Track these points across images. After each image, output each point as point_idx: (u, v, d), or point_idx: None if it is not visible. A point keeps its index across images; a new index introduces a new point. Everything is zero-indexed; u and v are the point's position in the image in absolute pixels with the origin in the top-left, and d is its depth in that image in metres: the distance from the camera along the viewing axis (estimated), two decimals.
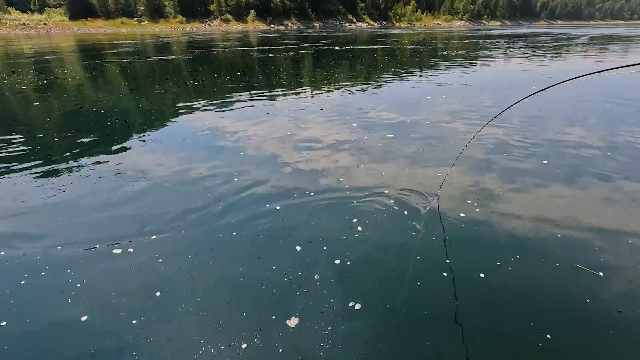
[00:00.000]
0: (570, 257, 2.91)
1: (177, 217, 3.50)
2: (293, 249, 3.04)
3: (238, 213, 3.55)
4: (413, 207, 3.68)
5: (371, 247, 3.07)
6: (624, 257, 2.91)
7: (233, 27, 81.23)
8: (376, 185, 4.19)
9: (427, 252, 3.00)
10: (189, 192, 3.99)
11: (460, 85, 10.47)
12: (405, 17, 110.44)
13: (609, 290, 2.58)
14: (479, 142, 5.56)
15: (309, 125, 6.71)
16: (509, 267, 2.81)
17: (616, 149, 5.35)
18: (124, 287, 2.67)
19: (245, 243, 3.11)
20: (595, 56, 17.96)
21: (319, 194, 3.94)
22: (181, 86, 10.86)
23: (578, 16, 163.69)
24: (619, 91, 9.42)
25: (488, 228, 3.34)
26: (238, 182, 4.24)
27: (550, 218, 3.49)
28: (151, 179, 4.35)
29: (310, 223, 3.40)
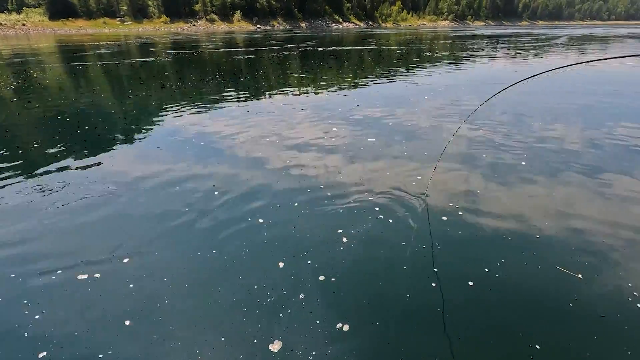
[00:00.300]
0: (552, 259, 2.93)
1: (151, 235, 3.29)
2: (276, 265, 2.89)
3: (219, 228, 3.36)
4: (399, 213, 3.59)
5: (357, 261, 2.94)
6: (601, 258, 2.94)
7: (219, 27, 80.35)
8: (361, 190, 4.09)
9: (415, 262, 2.91)
10: (166, 206, 3.78)
11: (443, 85, 10.53)
12: (391, 18, 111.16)
13: (588, 293, 2.60)
14: (461, 141, 5.55)
15: (294, 126, 6.60)
16: (496, 274, 2.76)
17: (593, 143, 5.50)
18: (89, 317, 2.43)
19: (226, 261, 2.94)
20: (574, 55, 18.32)
21: (303, 203, 3.80)
22: (164, 88, 10.58)
23: (558, 17, 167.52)
24: (592, 85, 9.58)
25: (473, 231, 3.31)
26: (220, 193, 4.05)
27: (531, 218, 3.53)
28: (126, 190, 4.14)
29: (294, 236, 3.26)
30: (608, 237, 3.21)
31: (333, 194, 4.02)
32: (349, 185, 4.25)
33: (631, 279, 2.72)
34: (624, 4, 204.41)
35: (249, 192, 4.05)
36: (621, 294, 2.59)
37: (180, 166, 4.90)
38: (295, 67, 15.55)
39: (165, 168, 4.83)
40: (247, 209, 3.67)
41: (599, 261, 2.91)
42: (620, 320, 2.39)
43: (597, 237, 3.22)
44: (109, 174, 4.68)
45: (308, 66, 15.82)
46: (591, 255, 2.97)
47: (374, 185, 4.21)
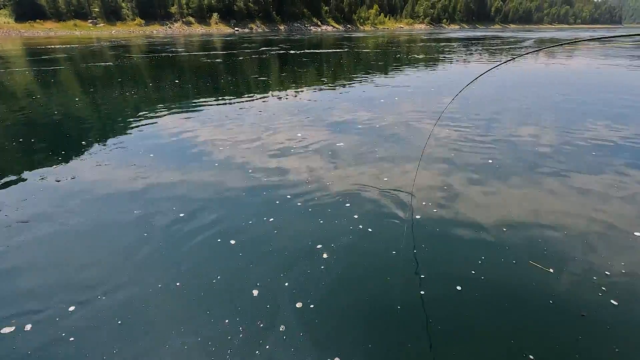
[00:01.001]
0: (527, 256, 2.91)
1: (105, 270, 2.83)
2: (250, 294, 2.57)
3: (187, 255, 2.95)
4: (380, 222, 3.37)
5: (338, 281, 2.65)
6: (572, 252, 2.94)
7: (196, 29, 78.97)
8: (341, 196, 3.85)
9: (401, 274, 2.71)
10: (127, 233, 3.33)
11: (419, 87, 10.53)
12: (369, 21, 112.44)
13: (559, 286, 2.59)
14: (439, 141, 5.43)
15: (272, 130, 6.35)
16: (481, 277, 2.68)
17: (563, 139, 5.55)
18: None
19: (194, 295, 2.56)
20: (539, 55, 18.89)
21: (280, 216, 3.48)
22: (138, 92, 10.06)
23: (529, 20, 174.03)
24: (560, 82, 9.77)
25: (453, 232, 3.25)
26: (190, 207, 3.68)
27: (508, 215, 3.55)
28: (87, 202, 3.74)
29: (271, 254, 2.94)
30: (575, 230, 3.26)
31: (313, 202, 3.76)
32: (330, 190, 4.01)
33: (600, 272, 2.72)
34: (589, 9, 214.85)
35: (221, 204, 3.70)
36: (593, 288, 2.57)
37: (150, 173, 4.53)
38: (273, 70, 15.25)
39: (134, 175, 4.46)
40: (220, 227, 3.32)
41: (569, 255, 2.92)
42: (598, 318, 2.34)
43: (567, 231, 3.24)
44: (79, 182, 4.30)
45: (285, 70, 15.54)
46: (561, 249, 2.99)
47: (354, 190, 4.02)
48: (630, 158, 4.91)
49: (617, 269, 2.74)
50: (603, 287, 2.56)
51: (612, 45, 27.85)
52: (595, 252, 2.94)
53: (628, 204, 3.68)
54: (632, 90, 9.93)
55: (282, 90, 10.19)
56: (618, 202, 3.73)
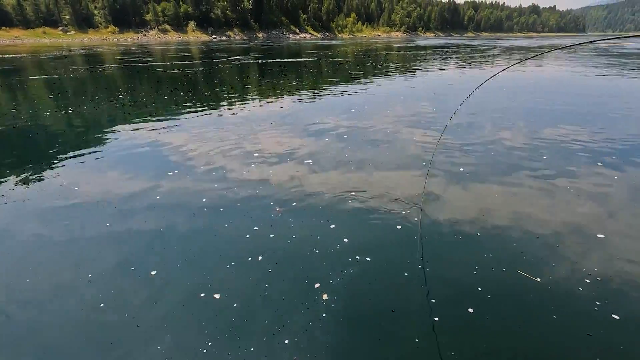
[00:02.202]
0: (515, 264, 2.84)
1: (75, 285, 2.56)
2: (230, 304, 2.35)
3: (163, 267, 2.70)
4: (367, 229, 3.21)
5: (343, 336, 2.23)
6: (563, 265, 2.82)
7: (172, 37, 77.74)
8: (325, 205, 3.65)
9: (410, 313, 2.41)
10: (96, 249, 3.03)
11: (401, 93, 10.54)
12: (347, 29, 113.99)
13: (547, 296, 2.50)
14: (419, 148, 5.32)
15: (254, 139, 6.18)
16: (488, 295, 2.49)
17: (556, 145, 5.41)
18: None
19: (172, 309, 2.34)
20: (503, 63, 19.46)
21: (262, 226, 3.28)
22: (113, 101, 9.63)
23: (499, 29, 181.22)
24: (541, 90, 10.02)
25: (452, 241, 3.13)
26: (171, 221, 3.40)
27: (490, 215, 3.56)
28: (53, 221, 3.38)
29: (254, 269, 2.72)
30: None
31: (296, 209, 3.62)
32: (313, 199, 3.88)
33: (587, 280, 2.65)
34: (555, 18, 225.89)
35: (200, 215, 3.44)
36: (579, 296, 2.50)
37: (125, 184, 4.29)
38: (252, 79, 15.00)
39: (108, 187, 4.20)
40: (199, 239, 3.07)
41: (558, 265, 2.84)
42: (585, 326, 2.26)
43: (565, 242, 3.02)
44: (46, 194, 4.04)
45: (264, 79, 15.33)
46: (551, 263, 2.86)
47: (338, 199, 3.91)
48: None
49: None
50: (605, 299, 2.42)
51: (579, 53, 29.13)
52: (582, 257, 2.78)
53: None
54: (602, 96, 10.27)
55: (262, 99, 9.96)
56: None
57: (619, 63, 20.45)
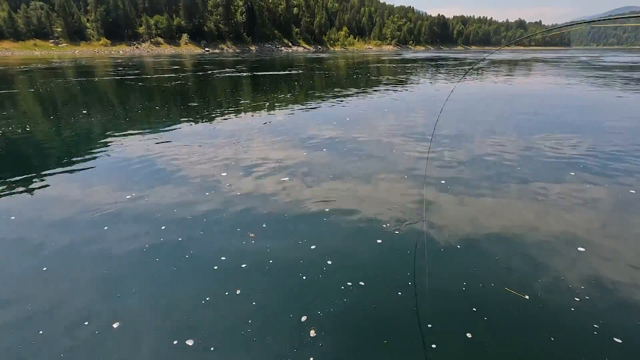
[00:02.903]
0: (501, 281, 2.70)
1: (63, 299, 2.44)
2: (232, 325, 2.24)
3: (152, 281, 2.58)
4: (366, 278, 2.97)
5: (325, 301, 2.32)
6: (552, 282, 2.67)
7: (164, 50, 78.06)
8: (317, 215, 3.60)
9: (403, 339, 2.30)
10: (86, 261, 2.94)
11: (392, 104, 10.64)
12: (339, 42, 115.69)
13: (535, 312, 2.42)
14: (405, 159, 5.30)
15: (247, 150, 6.12)
16: (485, 317, 2.36)
17: (531, 152, 5.43)
18: None
19: (161, 323, 2.25)
20: (483, 77, 19.87)
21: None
22: (106, 113, 9.53)
23: (488, 42, 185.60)
24: (527, 103, 10.18)
25: (450, 255, 3.03)
26: (162, 232, 3.32)
27: (481, 224, 3.54)
28: (46, 233, 3.25)
29: (247, 279, 2.63)
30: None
31: (289, 220, 3.54)
32: (306, 209, 3.83)
33: (575, 297, 2.56)
34: (541, 32, 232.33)
35: (194, 226, 3.32)
36: (571, 315, 2.40)
37: (118, 195, 4.21)
38: (245, 91, 15.03)
39: (100, 198, 4.15)
40: (191, 251, 2.95)
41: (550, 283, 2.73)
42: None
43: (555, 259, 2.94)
44: (38, 206, 3.94)
45: (257, 91, 15.37)
46: (539, 280, 2.76)
47: (331, 209, 3.86)
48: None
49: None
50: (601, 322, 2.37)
51: (562, 65, 29.83)
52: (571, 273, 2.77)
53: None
54: (586, 107, 10.45)
55: (251, 112, 9.93)
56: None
57: (602, 75, 20.93)
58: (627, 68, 26.68)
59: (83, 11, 77.28)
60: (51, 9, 70.66)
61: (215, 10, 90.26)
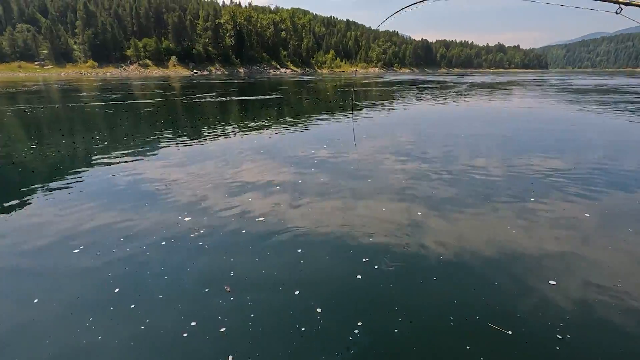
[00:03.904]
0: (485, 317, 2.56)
1: (49, 320, 2.25)
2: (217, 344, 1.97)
3: (141, 306, 2.29)
4: (344, 260, 2.77)
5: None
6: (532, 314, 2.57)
7: (152, 72, 78.31)
8: (307, 237, 3.47)
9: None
10: (71, 282, 2.80)
11: (380, 126, 10.71)
12: (326, 65, 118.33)
13: (515, 350, 2.29)
14: (399, 176, 5.18)
15: (236, 172, 6.02)
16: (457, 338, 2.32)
17: (513, 170, 5.37)
18: None
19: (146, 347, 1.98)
20: (459, 99, 20.43)
21: (244, 257, 3.00)
22: (93, 136, 9.31)
23: (470, 65, 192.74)
24: (510, 122, 10.34)
25: (423, 275, 2.98)
26: (150, 254, 3.17)
27: (469, 242, 3.58)
28: (26, 254, 2.93)
29: (235, 302, 2.39)
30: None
31: (279, 242, 3.40)
32: (295, 231, 3.74)
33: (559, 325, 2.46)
34: (519, 56, 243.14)
35: (181, 248, 3.10)
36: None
37: (103, 216, 4.09)
38: (233, 113, 14.92)
39: (85, 220, 4.03)
40: (180, 273, 2.63)
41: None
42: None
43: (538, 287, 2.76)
44: (19, 227, 3.82)
45: (245, 113, 15.29)
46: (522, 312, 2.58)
47: (321, 230, 3.82)
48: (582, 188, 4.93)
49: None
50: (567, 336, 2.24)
51: (538, 88, 30.92)
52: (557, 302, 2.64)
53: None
54: (565, 127, 10.67)
55: (242, 133, 9.79)
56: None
57: (574, 98, 21.65)
58: (596, 91, 27.73)
59: (71, 34, 77.49)
60: (38, 31, 70.62)
61: (204, 34, 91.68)
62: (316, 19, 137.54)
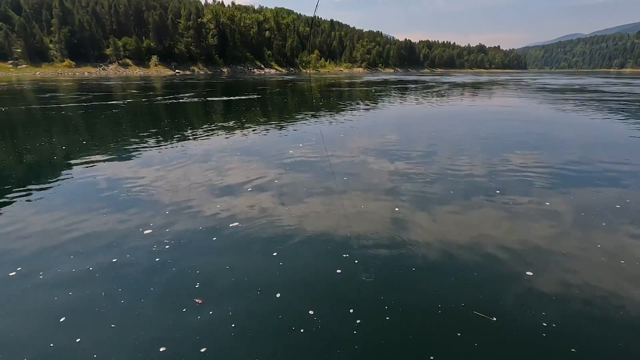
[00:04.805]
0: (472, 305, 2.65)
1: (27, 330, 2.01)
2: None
3: (126, 309, 2.20)
4: (327, 259, 2.68)
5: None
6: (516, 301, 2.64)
7: (133, 71, 76.45)
8: (293, 238, 3.23)
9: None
10: (47, 290, 2.60)
11: (365, 126, 10.69)
12: (311, 64, 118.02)
13: (500, 336, 2.37)
14: (386, 175, 5.14)
15: (222, 173, 5.90)
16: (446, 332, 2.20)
17: (495, 168, 5.42)
18: None
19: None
20: (439, 100, 20.75)
21: (228, 258, 2.85)
22: (71, 137, 8.98)
23: (452, 65, 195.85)
24: (492, 122, 10.47)
25: (402, 270, 3.02)
26: (132, 257, 2.93)
27: (455, 239, 3.57)
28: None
29: (221, 306, 2.24)
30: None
31: (263, 242, 3.35)
32: (281, 231, 3.70)
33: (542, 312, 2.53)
34: (500, 56, 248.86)
35: (165, 251, 2.87)
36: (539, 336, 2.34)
37: (82, 220, 3.92)
38: (216, 113, 14.63)
39: (64, 224, 3.85)
40: (165, 276, 2.50)
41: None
42: None
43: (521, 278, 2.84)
44: None
45: (229, 113, 15.03)
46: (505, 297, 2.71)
47: (307, 230, 3.75)
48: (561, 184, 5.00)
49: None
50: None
51: (517, 87, 31.62)
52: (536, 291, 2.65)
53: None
54: (543, 125, 10.86)
55: (226, 133, 9.59)
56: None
57: (553, 97, 22.21)
58: (568, 90, 28.52)
59: (46, 32, 74.86)
60: (11, 29, 67.98)
61: (186, 33, 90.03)
62: (300, 19, 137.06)
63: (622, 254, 3.30)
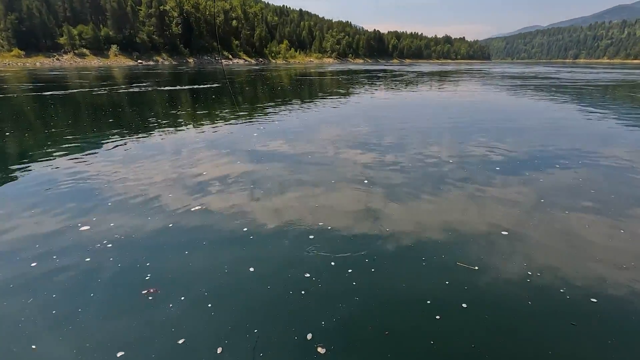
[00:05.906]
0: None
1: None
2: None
3: (92, 309, 1.95)
4: (304, 250, 2.67)
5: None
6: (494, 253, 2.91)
7: (91, 62, 72.09)
8: (269, 231, 3.13)
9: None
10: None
11: (336, 116, 10.62)
12: (280, 55, 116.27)
13: (484, 282, 2.73)
14: (358, 166, 5.11)
15: (192, 165, 5.68)
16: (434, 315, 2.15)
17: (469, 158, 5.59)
18: None
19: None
20: (404, 87, 21.22)
21: (202, 256, 2.60)
22: (25, 131, 8.29)
23: (420, 56, 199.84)
24: (457, 110, 10.75)
25: (383, 250, 3.13)
26: (98, 259, 2.69)
27: (427, 225, 3.69)
28: None
29: (192, 306, 2.07)
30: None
31: (237, 237, 3.09)
32: (256, 227, 3.54)
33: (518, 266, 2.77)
34: (465, 47, 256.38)
35: (135, 251, 2.63)
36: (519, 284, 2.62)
37: (43, 220, 3.59)
38: (183, 105, 14.02)
39: (25, 222, 3.49)
40: (134, 277, 2.31)
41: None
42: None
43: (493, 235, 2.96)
44: None
45: (196, 104, 14.45)
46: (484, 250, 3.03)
47: (283, 224, 3.64)
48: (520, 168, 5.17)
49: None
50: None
51: (485, 77, 32.69)
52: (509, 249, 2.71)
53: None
54: (506, 112, 11.26)
55: (194, 125, 9.19)
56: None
57: (510, 83, 23.12)
58: (525, 77, 29.87)
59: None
60: None
61: (148, 21, 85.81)
62: (268, 8, 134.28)
63: (578, 231, 3.53)
